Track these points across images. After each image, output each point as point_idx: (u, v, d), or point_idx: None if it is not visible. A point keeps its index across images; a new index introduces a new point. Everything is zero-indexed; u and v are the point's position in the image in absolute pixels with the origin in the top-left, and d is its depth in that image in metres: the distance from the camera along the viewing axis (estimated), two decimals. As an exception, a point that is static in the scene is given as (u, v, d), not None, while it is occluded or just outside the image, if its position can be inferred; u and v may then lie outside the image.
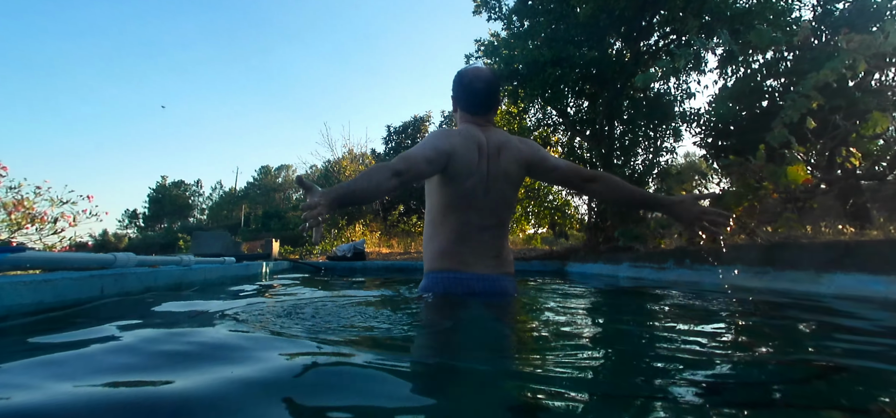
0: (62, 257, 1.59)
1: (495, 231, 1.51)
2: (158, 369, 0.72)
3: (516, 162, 1.52)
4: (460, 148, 1.45)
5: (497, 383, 0.71)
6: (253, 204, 35.73)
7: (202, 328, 1.08)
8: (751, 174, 2.75)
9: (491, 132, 1.54)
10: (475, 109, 1.56)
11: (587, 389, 0.68)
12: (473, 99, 1.57)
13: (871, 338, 1.09)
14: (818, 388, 0.69)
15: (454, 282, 1.46)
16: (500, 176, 1.49)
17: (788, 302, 1.70)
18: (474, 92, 1.57)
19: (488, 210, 1.49)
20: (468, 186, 1.46)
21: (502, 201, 1.52)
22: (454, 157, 1.43)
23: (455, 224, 1.48)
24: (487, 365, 0.85)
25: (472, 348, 1.02)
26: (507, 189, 1.52)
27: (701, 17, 5.04)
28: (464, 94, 1.58)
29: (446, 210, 1.49)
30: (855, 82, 3.68)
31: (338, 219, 11.58)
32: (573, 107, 6.61)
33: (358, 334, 1.06)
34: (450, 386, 0.71)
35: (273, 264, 4.26)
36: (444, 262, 1.48)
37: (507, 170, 1.50)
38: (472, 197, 1.47)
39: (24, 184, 4.74)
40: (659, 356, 0.88)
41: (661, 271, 3.09)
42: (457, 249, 1.48)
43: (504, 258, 1.54)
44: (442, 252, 1.49)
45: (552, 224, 8.07)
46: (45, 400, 0.54)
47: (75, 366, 0.73)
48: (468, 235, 1.48)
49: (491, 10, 6.56)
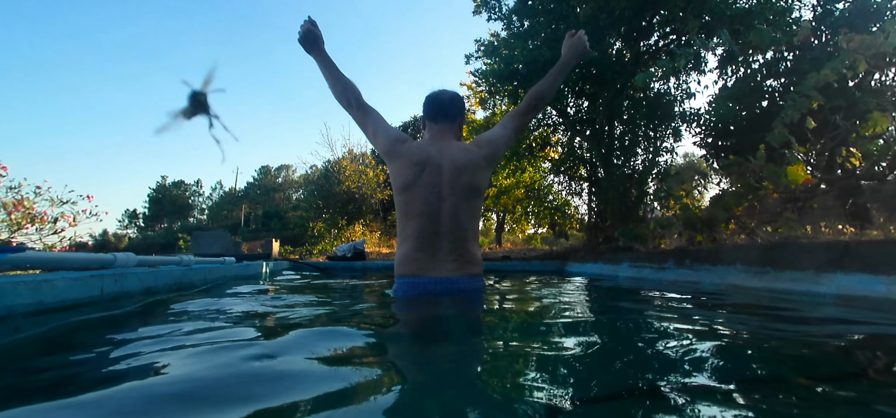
0: (62, 257, 1.59)
1: (454, 235, 1.61)
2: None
3: (472, 181, 1.64)
4: (404, 166, 1.63)
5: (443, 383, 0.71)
6: (253, 204, 35.77)
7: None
8: (751, 174, 2.75)
9: (447, 144, 1.69)
10: (431, 115, 1.77)
11: (555, 389, 0.68)
12: (430, 105, 1.78)
13: (862, 336, 1.09)
14: (812, 386, 0.70)
15: (411, 286, 1.60)
16: (457, 185, 1.61)
17: (788, 302, 1.70)
18: (431, 100, 1.79)
19: (446, 217, 1.60)
20: (418, 202, 1.60)
21: (460, 209, 1.62)
22: (395, 170, 1.65)
23: (413, 231, 1.61)
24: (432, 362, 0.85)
25: (426, 345, 1.04)
26: (464, 197, 1.63)
27: (701, 17, 5.04)
28: (426, 104, 1.81)
29: (405, 219, 1.64)
30: (855, 82, 3.68)
31: (338, 219, 11.58)
32: (573, 107, 6.61)
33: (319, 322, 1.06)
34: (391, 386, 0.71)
35: (273, 264, 4.25)
36: (403, 268, 1.63)
37: (462, 180, 1.62)
38: (427, 205, 1.59)
39: (24, 184, 4.74)
40: (647, 355, 0.88)
41: (661, 271, 3.09)
42: (415, 256, 1.61)
43: (467, 260, 1.63)
44: (403, 258, 1.63)
45: (552, 224, 8.07)
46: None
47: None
48: (426, 242, 1.61)
49: (491, 10, 6.56)
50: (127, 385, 0.62)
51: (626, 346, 1.00)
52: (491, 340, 1.06)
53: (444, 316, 1.37)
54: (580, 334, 1.12)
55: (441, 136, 1.74)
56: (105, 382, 0.66)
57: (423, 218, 1.60)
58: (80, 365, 0.80)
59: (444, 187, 1.61)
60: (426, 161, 1.62)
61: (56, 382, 0.72)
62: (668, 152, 6.23)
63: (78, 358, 0.84)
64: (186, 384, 0.63)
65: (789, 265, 2.09)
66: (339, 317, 1.40)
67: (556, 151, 7.27)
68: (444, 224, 1.61)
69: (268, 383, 0.64)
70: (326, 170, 12.44)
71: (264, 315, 1.38)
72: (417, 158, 1.62)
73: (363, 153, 13.13)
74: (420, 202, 1.60)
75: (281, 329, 1.14)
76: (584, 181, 6.93)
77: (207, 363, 0.74)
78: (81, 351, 0.90)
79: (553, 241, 10.93)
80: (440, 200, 1.60)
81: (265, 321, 1.28)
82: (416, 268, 1.60)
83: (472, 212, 1.67)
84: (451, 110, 1.77)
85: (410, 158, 1.63)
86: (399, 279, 1.65)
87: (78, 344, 0.99)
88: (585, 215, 7.02)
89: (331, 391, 0.61)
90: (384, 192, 12.33)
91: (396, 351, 0.95)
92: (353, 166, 12.06)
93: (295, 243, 12.65)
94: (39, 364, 0.82)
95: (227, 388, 0.62)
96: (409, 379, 0.72)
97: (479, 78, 6.77)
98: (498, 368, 0.82)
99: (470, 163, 1.65)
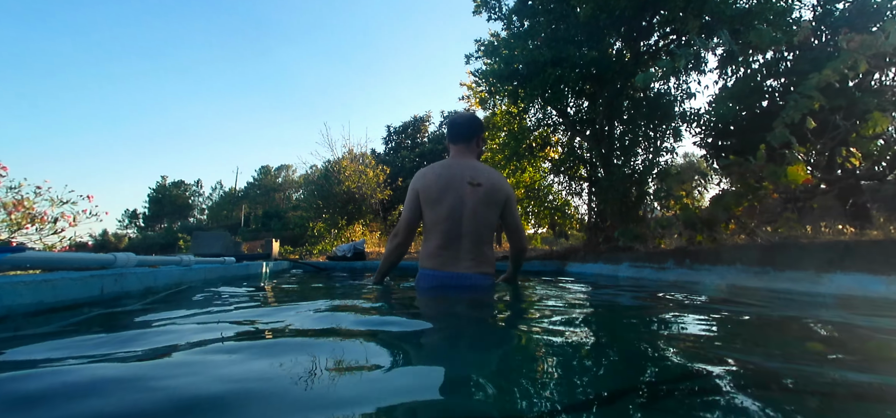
0: (62, 257, 1.59)
1: (472, 239, 1.93)
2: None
3: (491, 188, 1.96)
4: (432, 183, 1.95)
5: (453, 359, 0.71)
6: (253, 204, 35.76)
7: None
8: (751, 174, 2.75)
9: (469, 164, 2.01)
10: (452, 138, 2.11)
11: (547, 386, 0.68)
12: (450, 129, 2.13)
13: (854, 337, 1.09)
14: (806, 385, 0.69)
15: (433, 278, 1.93)
16: (478, 199, 1.93)
17: (788, 302, 1.70)
18: (450, 125, 2.14)
19: (466, 224, 1.92)
20: (444, 208, 1.92)
21: (478, 218, 1.94)
22: (424, 194, 1.96)
23: (438, 235, 1.94)
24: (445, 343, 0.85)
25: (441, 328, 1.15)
26: (482, 209, 1.94)
27: (701, 17, 5.04)
28: (448, 127, 2.15)
29: (432, 225, 1.96)
30: (855, 82, 3.68)
31: (338, 219, 11.58)
32: (573, 107, 6.60)
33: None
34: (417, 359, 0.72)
35: (273, 264, 4.25)
36: (427, 263, 1.96)
37: (483, 195, 1.94)
38: (451, 214, 1.91)
39: (24, 184, 4.74)
40: (647, 355, 0.88)
41: (661, 271, 3.09)
42: (438, 253, 1.94)
43: (481, 260, 1.95)
44: (428, 255, 1.96)
45: (552, 224, 8.06)
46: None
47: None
48: (448, 243, 1.93)
49: (491, 10, 6.55)
50: (116, 386, 0.62)
51: (626, 346, 1.01)
52: (491, 341, 1.06)
53: (459, 308, 1.52)
54: (580, 334, 1.12)
55: (461, 155, 2.07)
56: (98, 384, 0.66)
57: (449, 221, 1.92)
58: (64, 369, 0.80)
59: (467, 197, 1.93)
60: (450, 176, 1.95)
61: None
62: (669, 152, 6.21)
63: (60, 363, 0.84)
64: (186, 385, 0.63)
65: (789, 265, 2.09)
66: (350, 304, 1.53)
67: (556, 151, 7.26)
68: (466, 227, 1.92)
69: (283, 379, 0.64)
70: (326, 170, 12.43)
71: (266, 314, 1.38)
72: (444, 175, 1.95)
73: (363, 153, 13.12)
74: (446, 207, 1.92)
75: (283, 328, 1.14)
76: (584, 181, 6.92)
77: (208, 362, 0.74)
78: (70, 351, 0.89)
79: (553, 241, 10.93)
80: (462, 206, 1.92)
81: (267, 321, 1.28)
82: (439, 264, 1.93)
83: (489, 223, 1.98)
84: (465, 132, 2.09)
85: (438, 178, 1.95)
86: (422, 271, 1.97)
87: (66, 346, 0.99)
88: (585, 215, 7.02)
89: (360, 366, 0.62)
90: (384, 192, 12.32)
91: (418, 336, 1.02)
92: (353, 166, 12.06)
93: (295, 243, 12.65)
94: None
95: (227, 388, 0.62)
96: (424, 361, 0.73)
97: (479, 78, 6.76)
98: (498, 367, 0.82)
99: (488, 178, 1.97)
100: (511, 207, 2.05)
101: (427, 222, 1.98)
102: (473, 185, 1.93)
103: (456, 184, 1.93)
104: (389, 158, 17.26)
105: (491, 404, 0.60)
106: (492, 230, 2.03)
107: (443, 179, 1.94)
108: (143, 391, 0.58)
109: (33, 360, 0.77)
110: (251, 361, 0.74)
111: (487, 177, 1.97)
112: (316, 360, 0.74)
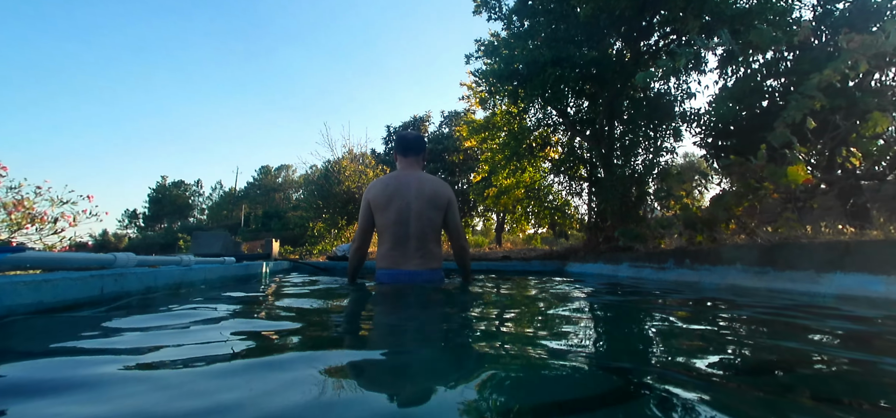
0: (62, 257, 1.59)
1: (419, 239, 2.21)
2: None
3: (433, 194, 2.25)
4: (379, 192, 2.23)
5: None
6: (253, 204, 35.76)
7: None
8: (751, 174, 2.74)
9: (414, 174, 2.29)
10: (402, 151, 2.40)
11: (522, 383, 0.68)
12: (401, 143, 2.41)
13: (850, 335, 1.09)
14: (799, 383, 0.69)
15: (387, 276, 2.22)
16: (422, 203, 2.21)
17: (788, 302, 1.70)
18: (400, 139, 2.42)
19: (414, 226, 2.20)
20: (392, 213, 2.19)
21: (423, 220, 2.21)
22: (373, 202, 2.24)
23: (389, 238, 2.22)
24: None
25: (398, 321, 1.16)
26: (427, 212, 2.22)
27: (701, 17, 5.03)
28: (397, 142, 2.43)
29: (383, 229, 2.25)
30: (855, 82, 3.68)
31: (338, 219, 11.58)
32: (573, 107, 6.60)
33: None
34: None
35: (273, 264, 4.25)
36: (382, 263, 2.25)
37: (426, 200, 2.22)
38: (398, 218, 2.19)
39: (24, 184, 4.74)
40: (646, 354, 0.88)
41: (661, 271, 3.09)
42: (389, 254, 2.22)
43: (428, 257, 2.23)
44: (382, 256, 2.25)
45: (552, 224, 8.06)
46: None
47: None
48: (397, 244, 2.21)
49: (491, 10, 6.55)
50: (112, 391, 0.62)
51: (626, 346, 1.00)
52: (490, 340, 1.06)
53: (410, 299, 1.76)
54: (579, 334, 1.12)
55: (409, 167, 2.36)
56: (96, 384, 0.66)
57: (397, 225, 2.18)
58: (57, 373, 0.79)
59: (412, 201, 2.20)
60: (397, 184, 2.23)
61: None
62: (669, 152, 6.21)
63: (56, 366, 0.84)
64: (186, 386, 0.63)
65: (789, 265, 2.09)
66: (331, 302, 1.61)
67: (556, 151, 7.25)
68: (413, 229, 2.19)
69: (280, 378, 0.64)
70: (326, 170, 12.42)
71: (264, 313, 1.38)
72: (391, 184, 2.23)
73: (363, 153, 13.12)
74: (394, 212, 2.19)
75: (282, 327, 1.14)
76: (584, 181, 6.91)
77: (207, 364, 0.74)
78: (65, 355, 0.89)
79: (553, 241, 10.93)
80: (408, 211, 2.19)
81: (266, 320, 1.28)
82: (391, 263, 2.21)
83: (433, 220, 2.24)
84: (414, 146, 2.39)
85: (385, 187, 2.22)
86: (379, 271, 2.26)
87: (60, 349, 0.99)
88: (585, 215, 7.01)
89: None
90: (384, 192, 12.28)
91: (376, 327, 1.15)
92: (353, 166, 12.05)
93: (295, 243, 12.66)
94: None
95: (225, 389, 0.62)
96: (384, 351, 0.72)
97: (479, 78, 6.75)
98: (497, 368, 0.82)
99: (431, 184, 2.25)
100: (453, 210, 2.32)
101: (379, 227, 2.26)
102: (420, 192, 2.22)
103: (403, 192, 2.20)
104: (389, 158, 17.25)
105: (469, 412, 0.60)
106: (437, 230, 2.28)
107: (390, 188, 2.22)
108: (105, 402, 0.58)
109: (28, 360, 0.77)
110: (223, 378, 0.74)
111: (431, 183, 2.26)
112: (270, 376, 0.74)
